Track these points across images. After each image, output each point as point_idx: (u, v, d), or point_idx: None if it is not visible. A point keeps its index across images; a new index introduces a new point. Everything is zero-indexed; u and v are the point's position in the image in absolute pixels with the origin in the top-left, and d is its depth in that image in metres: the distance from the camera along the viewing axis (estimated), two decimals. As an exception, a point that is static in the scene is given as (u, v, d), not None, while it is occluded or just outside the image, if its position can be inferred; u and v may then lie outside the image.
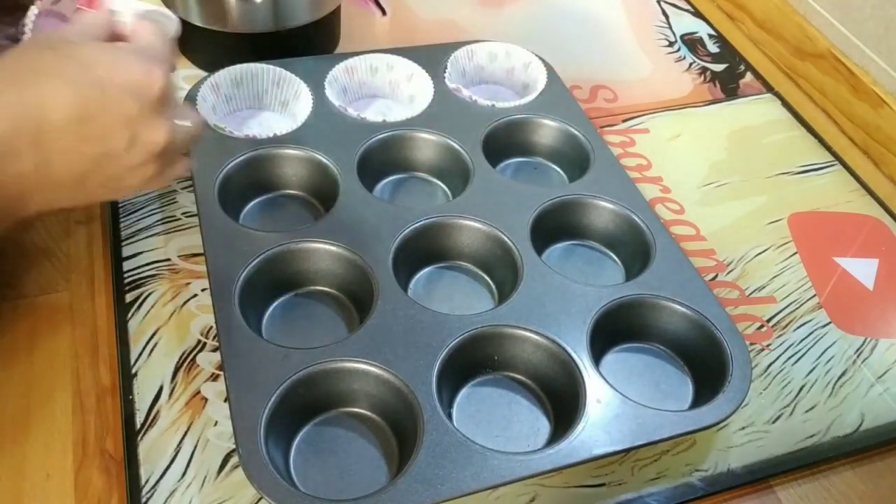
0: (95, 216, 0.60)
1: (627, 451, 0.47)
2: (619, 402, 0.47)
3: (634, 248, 0.58)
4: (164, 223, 0.59)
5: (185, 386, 0.50)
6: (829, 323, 0.60)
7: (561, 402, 0.50)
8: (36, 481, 0.45)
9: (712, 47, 0.86)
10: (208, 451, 0.47)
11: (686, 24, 0.89)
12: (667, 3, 0.92)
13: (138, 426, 0.48)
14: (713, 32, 0.89)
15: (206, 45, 0.70)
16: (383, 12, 0.83)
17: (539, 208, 0.58)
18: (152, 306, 0.54)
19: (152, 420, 0.48)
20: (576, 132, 0.65)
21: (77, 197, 0.42)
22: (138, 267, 0.56)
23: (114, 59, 0.40)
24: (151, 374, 0.51)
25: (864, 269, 0.64)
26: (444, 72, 0.68)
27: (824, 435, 0.53)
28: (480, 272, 0.58)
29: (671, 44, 0.86)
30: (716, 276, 0.62)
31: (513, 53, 0.72)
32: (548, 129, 0.67)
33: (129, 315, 0.53)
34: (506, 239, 0.56)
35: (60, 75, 0.39)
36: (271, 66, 0.65)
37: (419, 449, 0.43)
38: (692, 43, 0.86)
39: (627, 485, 0.49)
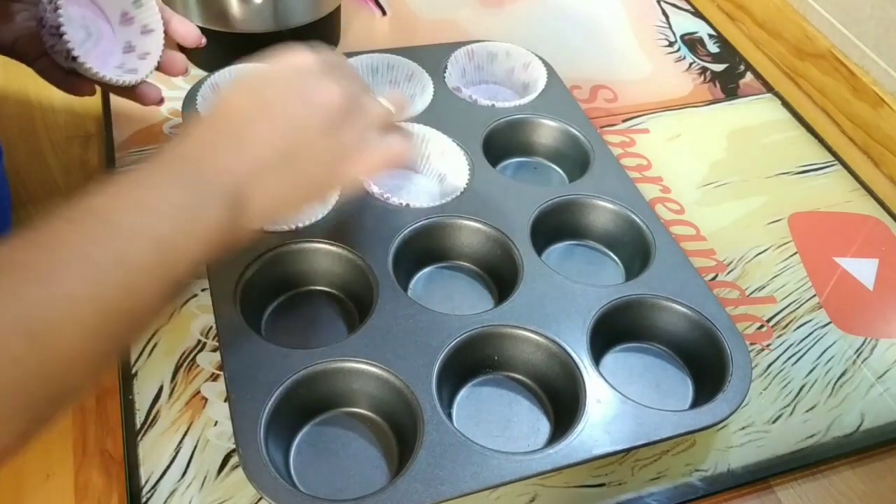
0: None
1: (627, 451, 0.47)
2: (619, 402, 0.47)
3: (634, 248, 0.58)
4: (164, 223, 0.59)
5: (185, 386, 0.50)
6: (829, 323, 0.60)
7: (561, 402, 0.50)
8: (36, 481, 0.45)
9: (712, 47, 0.86)
10: (208, 451, 0.47)
11: (686, 24, 0.89)
12: (667, 3, 0.92)
13: (138, 426, 0.48)
14: (713, 32, 0.89)
15: (207, 45, 0.70)
16: (383, 12, 0.83)
17: (539, 208, 0.58)
18: (152, 306, 0.54)
19: (152, 420, 0.48)
20: (576, 132, 0.65)
21: (291, 184, 0.41)
22: (138, 267, 0.56)
23: (272, 63, 0.43)
24: (151, 374, 0.51)
25: (864, 269, 0.64)
26: (444, 72, 0.68)
27: (824, 435, 0.53)
28: (480, 272, 0.58)
29: (671, 44, 0.86)
30: (716, 276, 0.62)
31: (513, 53, 0.72)
32: (548, 129, 0.66)
33: (129, 315, 0.53)
34: (506, 239, 0.56)
35: (241, 86, 0.42)
36: (271, 66, 0.65)
37: (419, 449, 0.43)
38: (692, 43, 0.86)
39: (627, 485, 0.49)
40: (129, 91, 0.52)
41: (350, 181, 0.44)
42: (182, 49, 0.74)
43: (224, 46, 0.68)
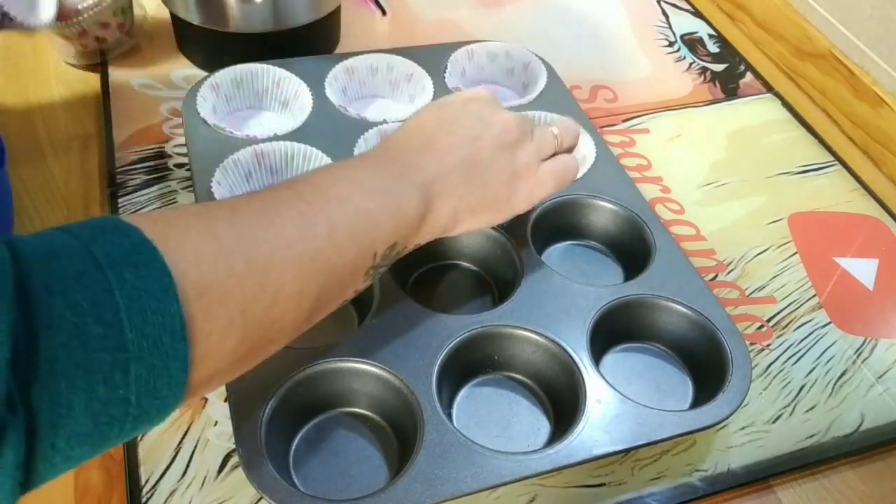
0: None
1: (627, 451, 0.47)
2: (619, 402, 0.47)
3: (634, 248, 0.58)
4: (164, 223, 0.59)
5: (185, 386, 0.50)
6: (829, 323, 0.60)
7: (561, 402, 0.50)
8: (36, 481, 0.45)
9: (712, 47, 0.86)
10: (208, 451, 0.47)
11: (686, 24, 0.89)
12: (667, 3, 0.92)
13: (138, 426, 0.48)
14: (713, 32, 0.89)
15: (206, 45, 0.70)
16: (383, 12, 0.83)
17: (539, 208, 0.58)
18: (152, 306, 0.54)
19: (152, 420, 0.48)
20: (576, 132, 0.65)
21: (473, 191, 0.45)
22: (138, 267, 0.56)
23: (449, 97, 0.49)
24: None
25: (864, 269, 0.64)
26: (444, 72, 0.68)
27: (824, 435, 0.53)
28: (480, 272, 0.58)
29: (671, 44, 0.86)
30: (716, 276, 0.62)
31: (513, 53, 0.72)
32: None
33: (129, 315, 0.53)
34: (506, 239, 0.56)
35: (419, 115, 0.48)
36: (271, 66, 0.65)
37: (419, 449, 0.43)
38: (692, 43, 0.86)
39: (627, 485, 0.49)
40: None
41: (524, 199, 0.48)
42: (182, 48, 0.74)
43: (224, 46, 0.68)
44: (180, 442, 0.48)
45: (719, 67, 0.83)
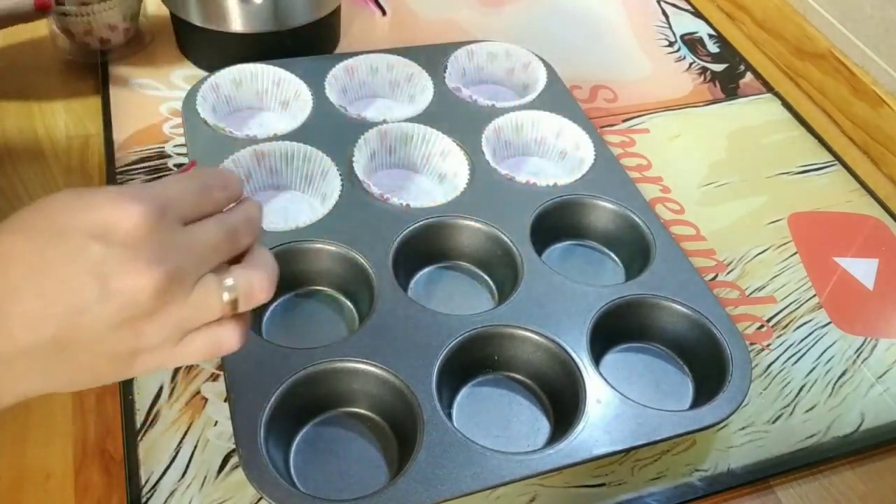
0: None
1: (627, 451, 0.47)
2: (619, 402, 0.47)
3: (634, 248, 0.58)
4: (164, 223, 0.59)
5: (185, 386, 0.50)
6: (829, 323, 0.60)
7: (561, 402, 0.50)
8: (36, 481, 0.45)
9: (712, 47, 0.86)
10: (208, 451, 0.47)
11: (686, 24, 0.89)
12: (667, 3, 0.92)
13: (138, 426, 0.48)
14: (713, 32, 0.89)
15: (206, 45, 0.70)
16: (383, 12, 0.83)
17: (539, 208, 0.58)
18: (152, 306, 0.54)
19: (152, 420, 0.48)
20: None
21: (62, 375, 0.33)
22: (138, 267, 0.56)
23: (79, 200, 0.33)
24: (151, 374, 0.51)
25: (864, 269, 0.64)
26: (444, 72, 0.68)
27: (824, 435, 0.53)
28: (480, 272, 0.58)
29: (671, 44, 0.86)
30: (716, 276, 0.62)
31: (513, 53, 0.72)
32: (548, 129, 0.66)
33: (129, 315, 0.53)
34: (506, 239, 0.56)
35: (22, 229, 0.32)
36: (271, 66, 0.65)
37: (419, 449, 0.43)
38: (692, 43, 0.86)
39: (627, 485, 0.49)
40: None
41: (146, 371, 0.35)
42: (182, 48, 0.74)
43: (224, 46, 0.68)
44: (180, 442, 0.48)
45: (719, 67, 0.83)
